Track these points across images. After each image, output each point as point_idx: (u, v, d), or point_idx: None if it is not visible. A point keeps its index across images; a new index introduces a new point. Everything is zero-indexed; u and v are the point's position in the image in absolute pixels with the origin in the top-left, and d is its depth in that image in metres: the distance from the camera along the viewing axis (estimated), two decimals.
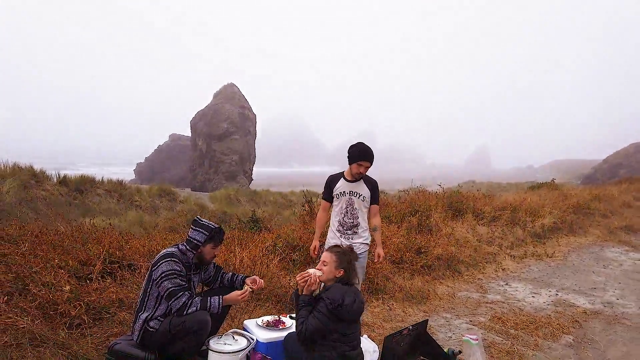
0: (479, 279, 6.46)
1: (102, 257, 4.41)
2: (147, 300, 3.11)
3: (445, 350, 3.66)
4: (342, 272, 3.00)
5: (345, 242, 3.89)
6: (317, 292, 3.00)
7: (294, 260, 5.67)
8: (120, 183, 21.12)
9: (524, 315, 4.99)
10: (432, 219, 8.51)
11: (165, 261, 3.07)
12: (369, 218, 4.14)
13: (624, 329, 4.80)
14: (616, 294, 6.00)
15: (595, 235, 10.21)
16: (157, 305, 3.09)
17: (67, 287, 3.80)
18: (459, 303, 5.39)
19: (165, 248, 3.48)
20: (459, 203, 10.12)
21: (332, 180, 4.13)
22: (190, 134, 53.26)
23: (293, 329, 3.19)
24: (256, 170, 52.51)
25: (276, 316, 3.50)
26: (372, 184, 4.08)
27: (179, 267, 3.10)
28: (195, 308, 3.01)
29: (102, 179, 20.12)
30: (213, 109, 49.45)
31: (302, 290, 2.96)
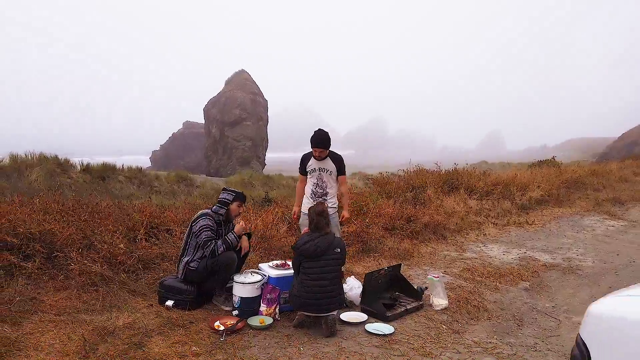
0: (460, 242, 7.46)
1: (144, 223, 5.53)
2: (188, 248, 4.22)
3: (415, 287, 4.70)
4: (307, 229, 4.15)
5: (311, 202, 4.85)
6: None
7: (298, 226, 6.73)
8: (139, 170, 22.33)
9: (491, 268, 6.00)
10: (425, 194, 9.49)
11: (202, 218, 4.19)
12: (338, 187, 5.01)
13: (575, 277, 5.77)
14: (578, 252, 6.95)
15: (580, 207, 11.06)
16: (195, 251, 4.20)
17: (122, 245, 4.92)
18: (438, 259, 6.42)
19: (195, 214, 4.58)
20: (454, 180, 11.06)
21: (305, 159, 4.98)
22: (203, 121, 54.45)
23: None
24: (269, 155, 53.58)
25: (283, 260, 4.58)
26: (337, 160, 4.91)
27: (212, 223, 4.21)
28: (222, 248, 4.10)
29: (123, 167, 21.35)
30: (225, 96, 50.42)
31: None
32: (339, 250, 4.00)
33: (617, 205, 11.65)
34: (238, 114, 48.79)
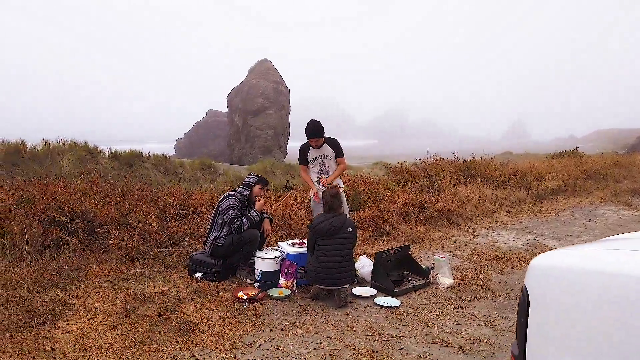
0: (472, 228, 7.74)
1: (174, 205, 6.01)
2: (215, 225, 4.67)
3: (423, 267, 5.05)
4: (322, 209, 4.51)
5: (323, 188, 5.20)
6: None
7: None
8: (165, 157, 23.06)
9: (499, 252, 6.28)
10: (441, 182, 9.75)
11: (229, 197, 4.64)
12: (338, 167, 5.35)
13: None
14: (587, 239, 7.15)
15: (597, 197, 11.14)
16: (222, 228, 4.65)
17: (154, 224, 5.40)
18: (448, 244, 6.73)
19: (220, 196, 5.03)
20: (471, 169, 11.27)
21: (304, 149, 5.34)
22: (226, 110, 55.20)
23: None
24: (291, 144, 54.20)
25: (300, 239, 5.00)
26: (333, 144, 5.28)
27: (237, 202, 4.66)
28: (247, 225, 4.55)
29: (149, 154, 22.10)
30: (248, 85, 50.95)
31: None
32: (350, 229, 4.37)
33: (635, 196, 11.66)
34: (261, 102, 49.31)
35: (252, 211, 4.79)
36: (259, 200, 4.87)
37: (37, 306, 3.66)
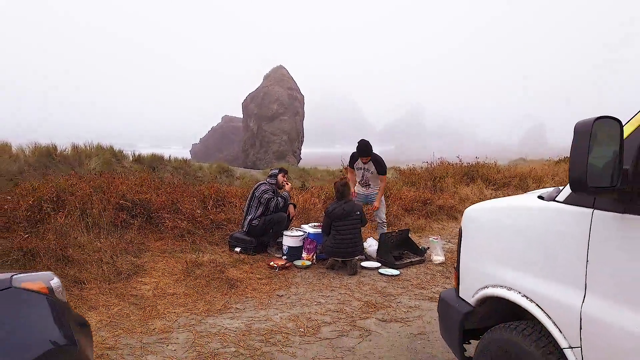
0: None
1: (212, 197, 7.17)
2: (251, 209, 5.83)
3: (420, 247, 6.11)
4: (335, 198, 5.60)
5: (363, 191, 6.34)
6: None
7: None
8: (185, 161, 24.40)
9: None
10: (444, 182, 10.80)
11: (262, 184, 5.87)
12: (379, 182, 6.37)
13: None
14: None
15: None
16: (256, 210, 5.80)
17: (198, 211, 6.56)
18: (445, 232, 7.78)
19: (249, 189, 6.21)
20: (473, 172, 12.29)
21: (354, 157, 6.34)
22: (242, 116, 56.67)
23: None
24: (305, 151, 55.30)
25: (319, 223, 6.12)
26: (378, 162, 6.21)
27: (269, 188, 5.83)
28: (282, 203, 5.84)
29: (170, 157, 23.46)
30: (263, 91, 52.34)
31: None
32: (358, 212, 5.47)
33: None
34: (275, 108, 50.64)
35: (285, 192, 6.15)
36: (287, 184, 6.19)
37: (121, 266, 4.83)
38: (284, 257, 5.65)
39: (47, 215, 5.40)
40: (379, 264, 5.65)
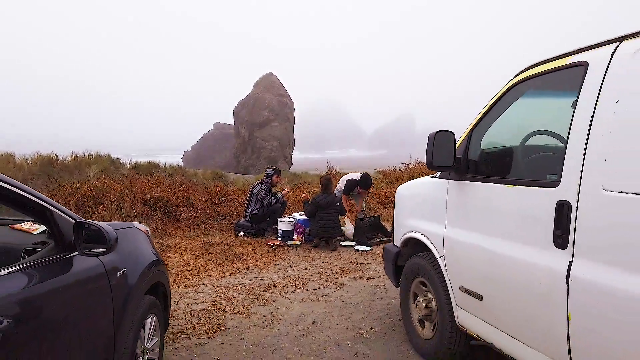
0: None
1: (217, 194, 8.57)
2: (251, 203, 7.24)
3: (389, 230, 7.55)
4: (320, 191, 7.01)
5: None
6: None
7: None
8: (180, 167, 25.66)
9: None
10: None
11: (260, 183, 7.26)
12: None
13: None
14: None
15: None
16: (255, 203, 7.22)
17: (207, 204, 7.96)
18: None
19: (248, 188, 7.61)
20: None
21: (353, 186, 7.79)
22: (233, 123, 57.73)
23: None
24: (296, 156, 56.52)
25: None
26: (367, 189, 7.91)
27: (265, 186, 7.23)
28: (274, 201, 7.16)
29: (165, 164, 24.73)
30: (254, 98, 53.47)
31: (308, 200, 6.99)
32: (337, 204, 6.92)
33: None
34: (266, 115, 51.81)
35: (279, 194, 7.54)
36: (283, 189, 7.66)
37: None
38: (279, 238, 7.07)
39: (90, 209, 6.77)
40: (354, 243, 7.08)
